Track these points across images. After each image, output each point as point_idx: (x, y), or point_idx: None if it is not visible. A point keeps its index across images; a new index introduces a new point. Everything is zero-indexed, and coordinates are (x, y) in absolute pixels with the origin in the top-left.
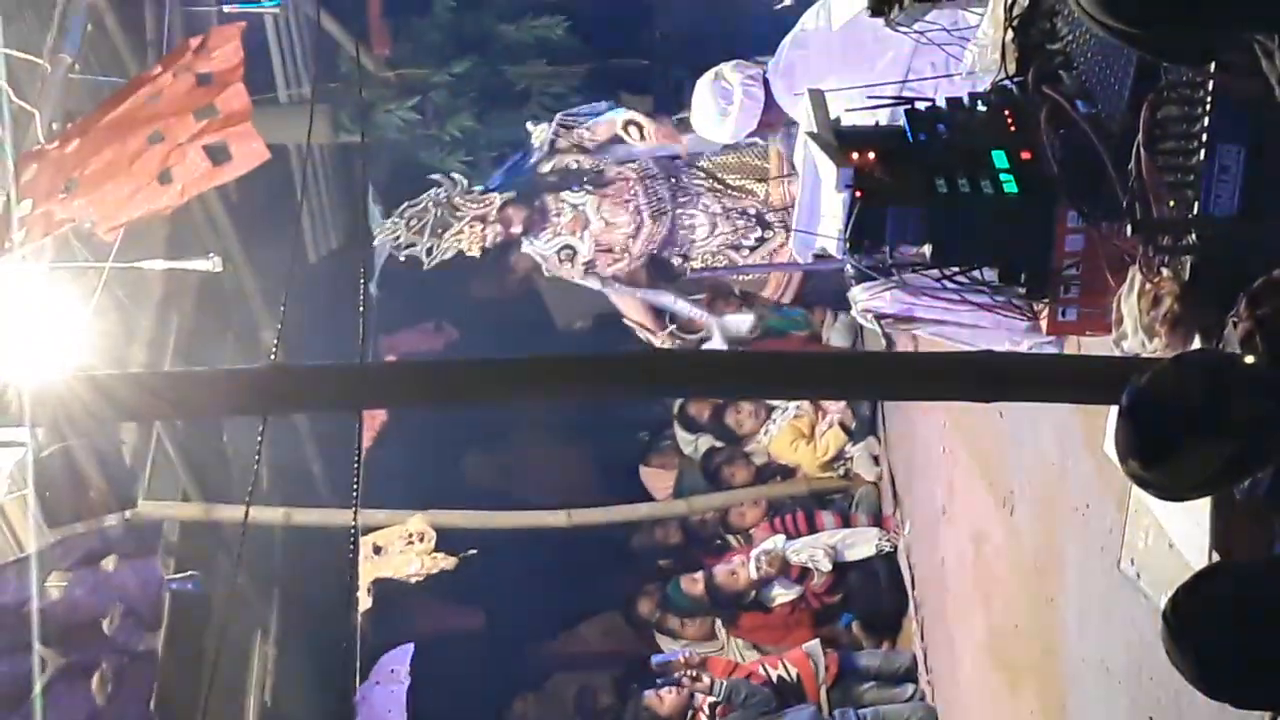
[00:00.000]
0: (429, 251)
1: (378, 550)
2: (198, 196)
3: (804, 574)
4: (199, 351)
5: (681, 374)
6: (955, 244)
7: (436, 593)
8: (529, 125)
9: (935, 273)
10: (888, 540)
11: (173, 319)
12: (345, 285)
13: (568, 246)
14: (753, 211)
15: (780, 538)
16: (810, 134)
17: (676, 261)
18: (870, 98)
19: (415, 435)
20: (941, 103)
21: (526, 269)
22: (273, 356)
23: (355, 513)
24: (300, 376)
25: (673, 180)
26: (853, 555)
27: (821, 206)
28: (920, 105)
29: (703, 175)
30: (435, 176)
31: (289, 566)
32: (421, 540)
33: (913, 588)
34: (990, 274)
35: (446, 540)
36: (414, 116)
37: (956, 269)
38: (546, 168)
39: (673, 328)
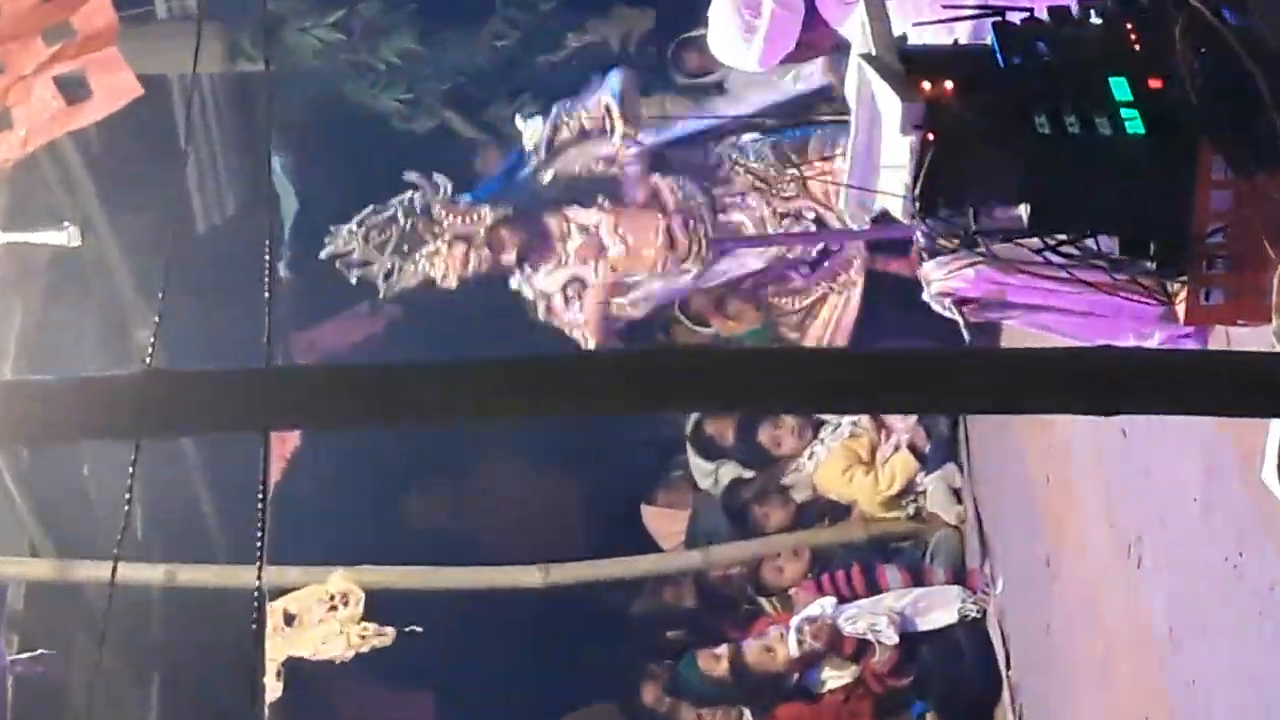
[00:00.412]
0: (388, 275)
1: (290, 620)
2: (47, 145)
3: (861, 649)
4: (50, 352)
5: (702, 380)
6: (1062, 204)
7: (368, 674)
8: (519, 122)
9: (1035, 242)
10: (973, 603)
11: (14, 309)
12: (246, 264)
13: (576, 279)
14: (810, 214)
15: (829, 600)
16: (865, 56)
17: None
18: (946, 6)
19: (339, 466)
20: (1043, 12)
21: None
22: (148, 360)
23: (260, 569)
24: (185, 386)
25: (706, 182)
26: (927, 623)
27: (881, 154)
28: (1014, 16)
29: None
30: (411, 177)
31: (172, 642)
32: (346, 605)
33: (1007, 666)
34: (1109, 244)
35: (380, 606)
36: (336, 37)
37: (1063, 237)
38: (547, 176)
39: None
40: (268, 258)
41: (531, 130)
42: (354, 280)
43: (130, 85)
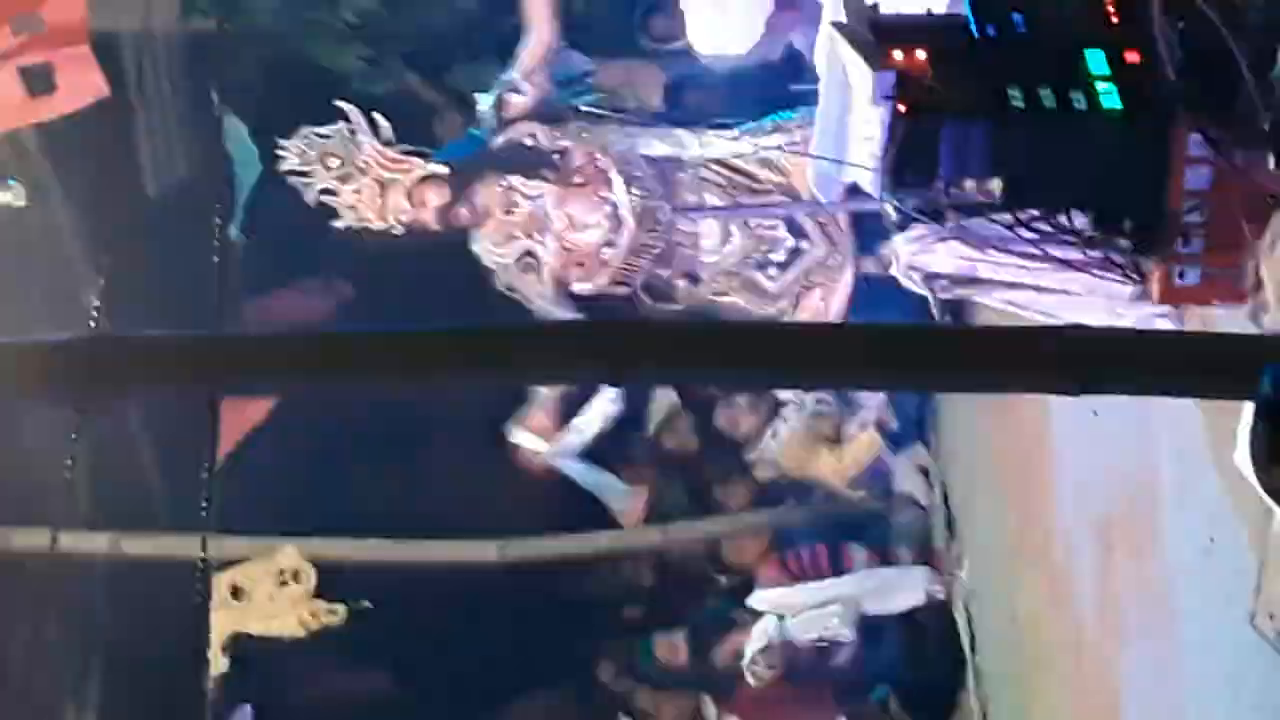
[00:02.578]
0: (326, 192)
1: (237, 593)
2: None
3: (821, 654)
4: None
5: (664, 354)
6: (1035, 178)
7: (319, 652)
8: (478, 100)
9: (1007, 218)
10: (939, 585)
11: None
12: (196, 228)
13: (529, 254)
14: (781, 211)
15: (771, 620)
16: (836, 25)
17: (680, 284)
18: None
19: (289, 437)
20: None
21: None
22: (93, 323)
23: (205, 541)
24: (131, 350)
25: (664, 169)
26: (891, 606)
27: (851, 125)
28: None
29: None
30: (346, 109)
31: (115, 615)
32: (297, 580)
33: (972, 651)
34: (1082, 220)
35: (331, 581)
36: None
37: (1036, 213)
38: (500, 142)
39: None
40: (218, 224)
41: (486, 104)
42: (309, 200)
43: (97, 85)
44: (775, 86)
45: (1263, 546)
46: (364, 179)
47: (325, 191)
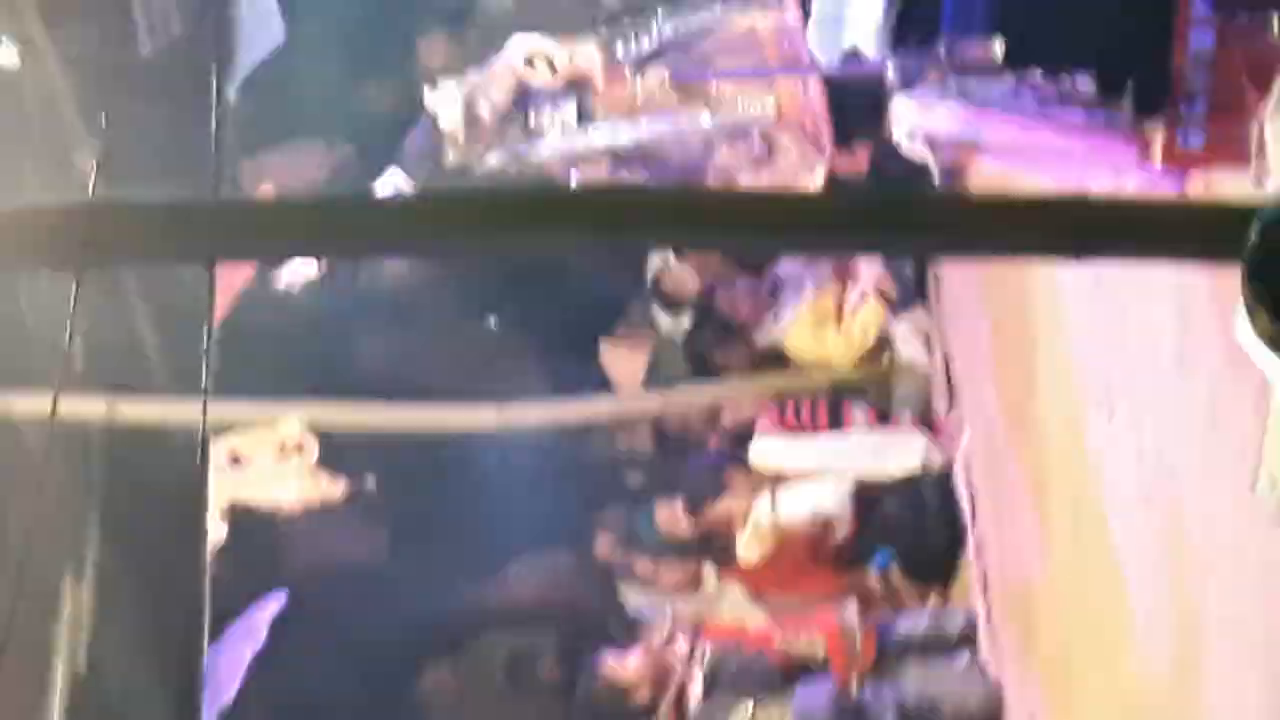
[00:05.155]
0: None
1: (237, 461)
2: None
3: (818, 534)
4: None
5: (652, 216)
6: (1036, 37)
7: (318, 520)
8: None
9: (1009, 78)
10: (939, 451)
11: None
12: (193, 88)
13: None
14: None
15: (764, 503)
16: None
17: None
18: None
19: (287, 302)
20: None
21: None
22: (90, 188)
23: (204, 406)
24: (128, 216)
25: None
26: (890, 469)
27: None
28: None
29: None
30: None
31: (112, 481)
32: (300, 453)
33: (972, 520)
34: (1084, 82)
35: (332, 450)
36: None
37: (1038, 73)
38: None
39: None
40: (214, 83)
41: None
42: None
43: None
44: None
45: (1263, 416)
46: None
47: None
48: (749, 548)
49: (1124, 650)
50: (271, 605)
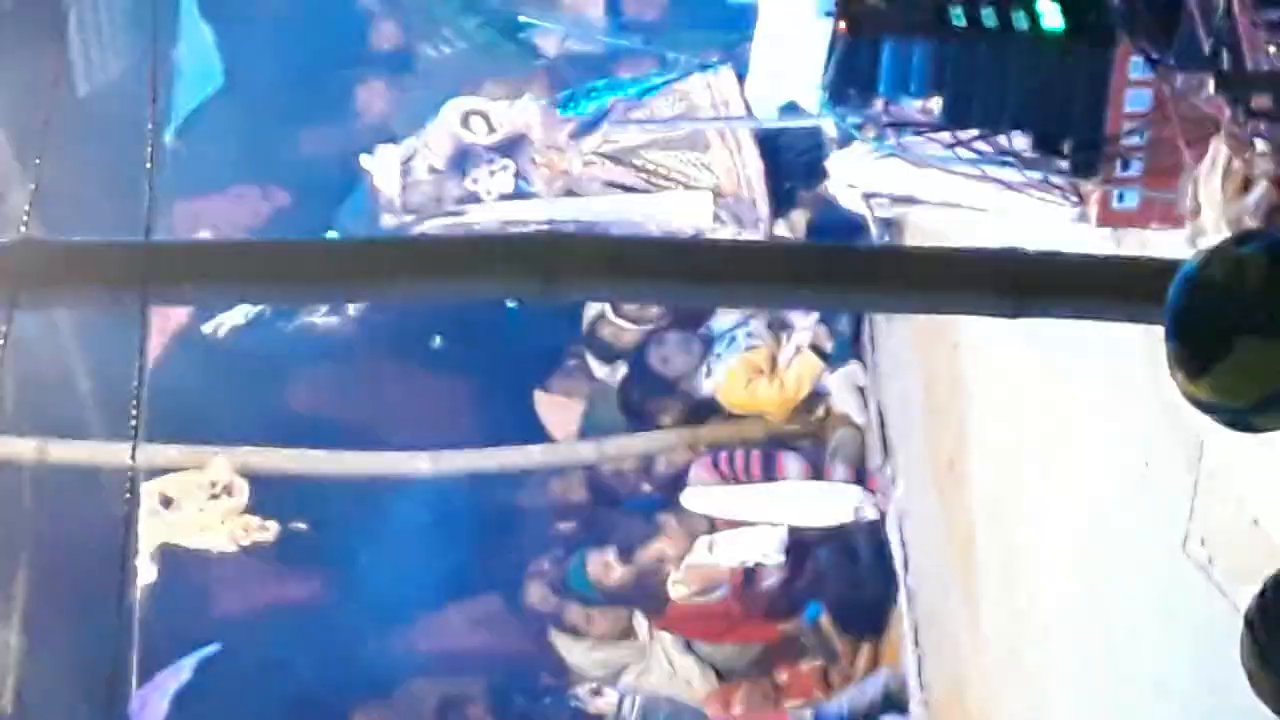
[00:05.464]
0: None
1: (167, 503)
2: None
3: (749, 575)
4: None
5: (595, 268)
6: (975, 98)
7: (249, 563)
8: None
9: (946, 137)
10: (872, 504)
11: None
12: (130, 130)
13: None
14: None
15: (703, 544)
16: None
17: None
18: None
19: (222, 345)
20: None
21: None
22: (23, 228)
23: (135, 448)
24: (61, 255)
25: None
26: (823, 520)
27: (790, 42)
28: None
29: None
30: None
31: (41, 522)
32: (229, 494)
33: (905, 571)
34: (1022, 141)
35: (264, 494)
36: None
37: (976, 132)
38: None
39: None
40: (152, 126)
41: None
42: None
43: None
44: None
45: (1195, 473)
46: None
47: None
48: (677, 588)
49: (1054, 707)
50: (203, 652)
